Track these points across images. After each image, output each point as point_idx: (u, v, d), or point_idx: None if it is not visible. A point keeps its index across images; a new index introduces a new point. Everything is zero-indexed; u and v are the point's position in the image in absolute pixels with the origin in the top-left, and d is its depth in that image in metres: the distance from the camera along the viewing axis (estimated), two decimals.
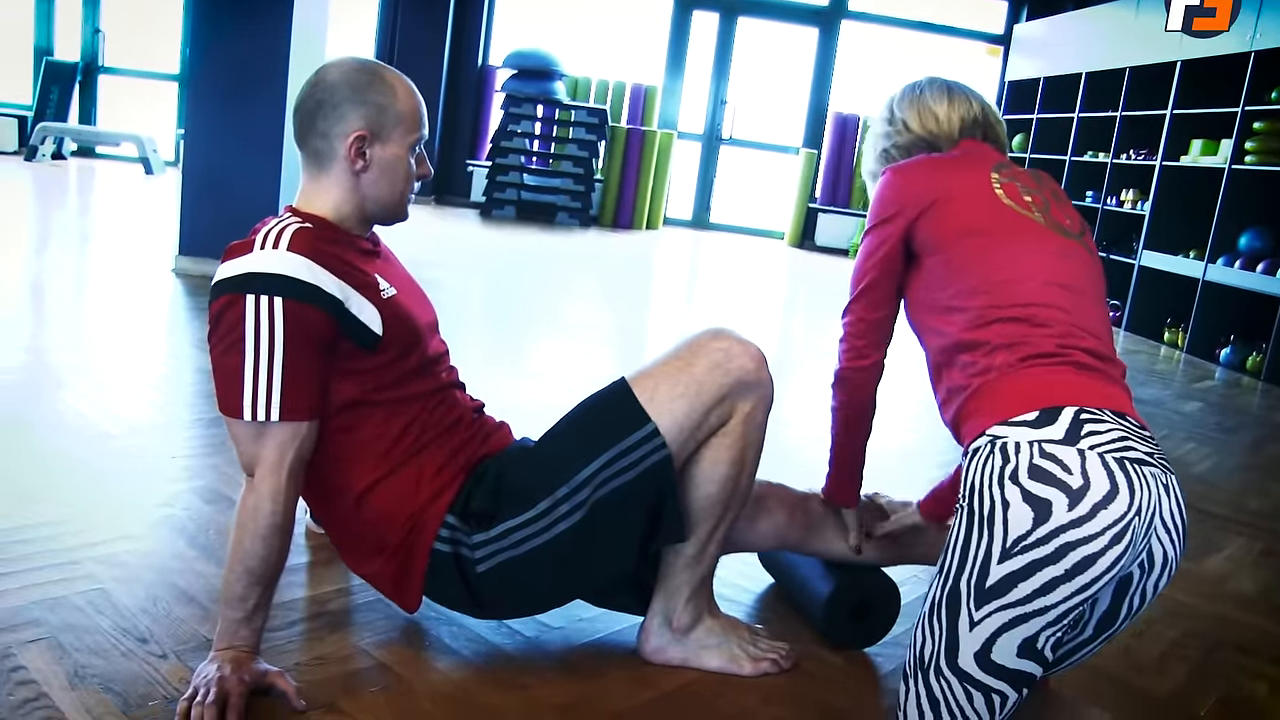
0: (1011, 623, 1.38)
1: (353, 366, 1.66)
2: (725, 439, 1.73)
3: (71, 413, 2.87)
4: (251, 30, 5.03)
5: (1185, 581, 2.61)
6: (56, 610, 1.78)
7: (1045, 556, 1.35)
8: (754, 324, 6.07)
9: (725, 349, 1.71)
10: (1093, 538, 1.34)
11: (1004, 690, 1.42)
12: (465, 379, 1.94)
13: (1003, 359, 1.50)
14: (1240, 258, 6.50)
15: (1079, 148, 8.75)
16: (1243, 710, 2.00)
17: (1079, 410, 1.41)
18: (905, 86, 1.90)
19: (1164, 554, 1.43)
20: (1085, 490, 1.35)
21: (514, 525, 1.69)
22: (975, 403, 1.52)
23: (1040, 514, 1.35)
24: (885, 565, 2.08)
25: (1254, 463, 4.23)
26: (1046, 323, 1.52)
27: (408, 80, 1.74)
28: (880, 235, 1.71)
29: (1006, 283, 1.56)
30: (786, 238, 12.05)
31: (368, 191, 1.71)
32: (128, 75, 12.23)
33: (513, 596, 1.75)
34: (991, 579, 1.39)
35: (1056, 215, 1.68)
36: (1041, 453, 1.38)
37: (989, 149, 1.82)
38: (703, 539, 1.79)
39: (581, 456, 1.68)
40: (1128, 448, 1.39)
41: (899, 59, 12.06)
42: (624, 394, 1.71)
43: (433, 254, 7.11)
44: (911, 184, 1.70)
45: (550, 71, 11.04)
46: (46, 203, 8.15)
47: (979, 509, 1.42)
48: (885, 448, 3.34)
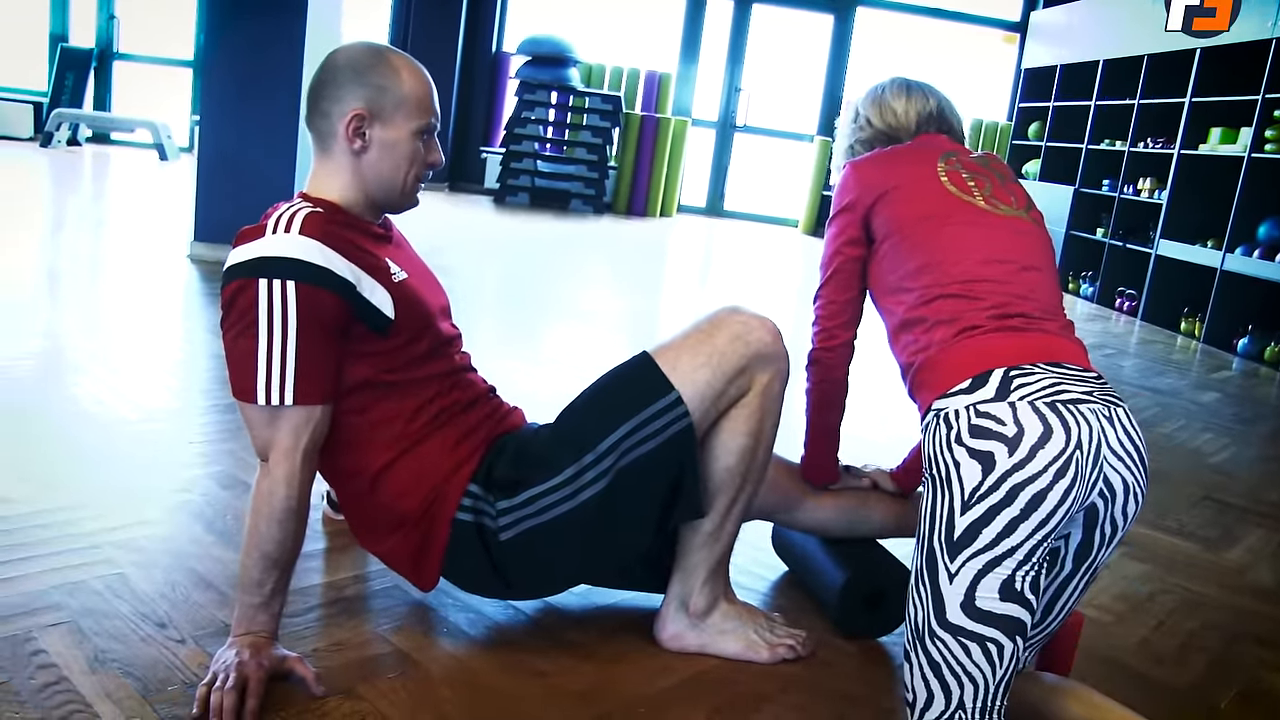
0: (986, 567, 1.47)
1: (365, 349, 1.67)
2: (744, 410, 1.75)
3: (88, 398, 2.88)
4: (266, 16, 5.02)
5: (1204, 573, 2.61)
6: (76, 595, 1.79)
7: (1000, 500, 1.46)
8: (767, 310, 6.04)
9: (744, 322, 1.76)
10: (1037, 475, 1.44)
11: (997, 638, 1.47)
12: (479, 365, 1.94)
13: (941, 334, 1.64)
14: (1259, 247, 6.45)
15: (1096, 136, 8.69)
16: (1263, 702, 1.99)
17: (1008, 369, 1.53)
18: (869, 88, 2.05)
19: (1123, 481, 1.51)
20: (1020, 436, 1.46)
21: (539, 492, 1.70)
22: (920, 376, 1.66)
23: (986, 465, 1.47)
24: (886, 536, 2.12)
25: (1272, 454, 4.21)
26: (981, 296, 1.64)
27: (418, 65, 1.74)
28: (840, 223, 1.88)
29: (946, 262, 1.70)
30: (801, 225, 12.01)
31: (368, 173, 1.71)
32: (143, 61, 12.23)
33: (535, 569, 1.75)
34: (958, 531, 1.49)
35: (999, 195, 1.81)
36: (977, 413, 1.50)
37: (943, 139, 1.95)
38: (721, 513, 1.80)
39: (606, 424, 1.69)
40: (1060, 391, 1.50)
41: (915, 46, 12.01)
42: (648, 365, 1.73)
43: (447, 241, 7.11)
44: (865, 176, 1.85)
45: (564, 58, 11.02)
46: (62, 189, 8.18)
47: (936, 475, 1.54)
48: (869, 422, 3.33)
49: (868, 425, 3.36)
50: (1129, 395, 4.80)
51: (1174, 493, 3.29)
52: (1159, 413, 4.52)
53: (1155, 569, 2.58)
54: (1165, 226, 7.42)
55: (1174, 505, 3.16)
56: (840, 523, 2.09)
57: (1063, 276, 8.88)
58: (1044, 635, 1.68)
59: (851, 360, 1.96)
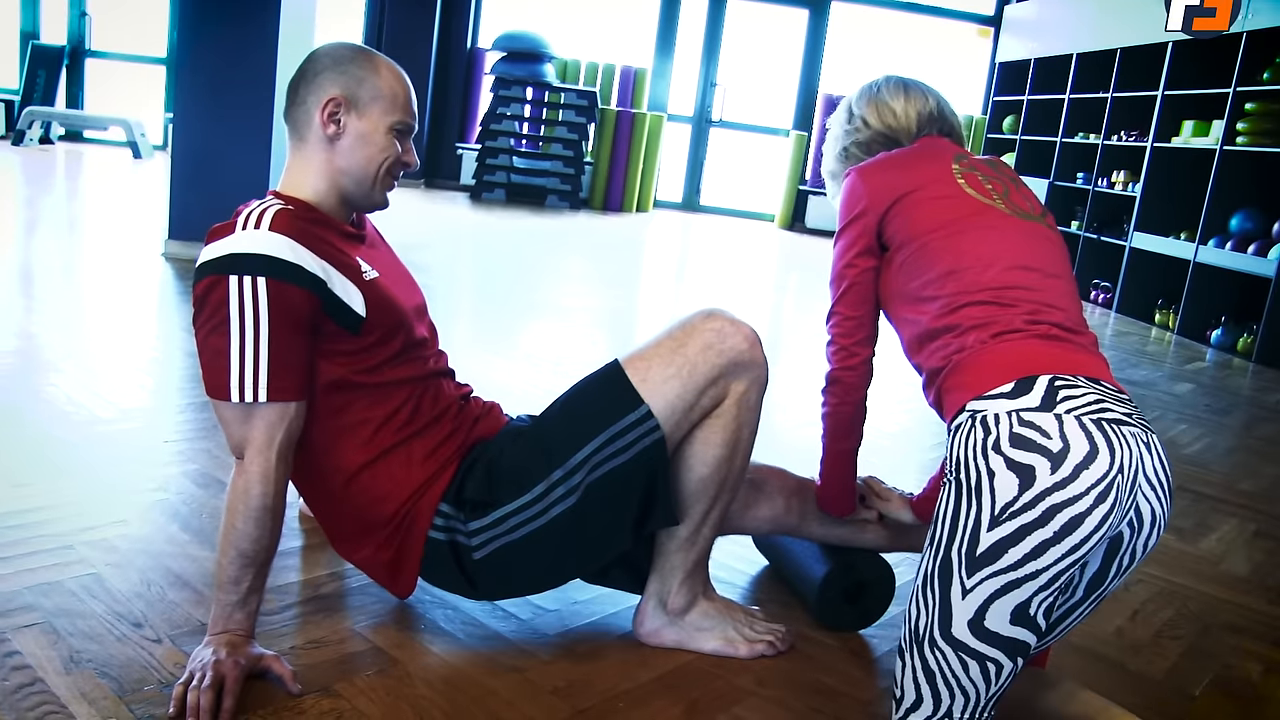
0: (1004, 589, 1.40)
1: (337, 348, 1.66)
2: (719, 420, 1.73)
3: (63, 398, 2.85)
4: (240, 13, 5.00)
5: (1179, 563, 2.63)
6: (50, 595, 1.77)
7: (1034, 520, 1.37)
8: (744, 306, 6.06)
9: (718, 329, 1.71)
10: (1078, 498, 1.36)
11: (998, 658, 1.43)
12: (457, 361, 1.94)
13: (975, 338, 1.55)
14: (1231, 239, 6.50)
15: (1070, 129, 8.73)
16: (1236, 690, 2.01)
17: (1053, 378, 1.45)
18: (862, 86, 1.96)
19: (1151, 511, 1.45)
20: (1066, 453, 1.37)
21: (509, 511, 1.69)
22: (953, 379, 1.55)
23: (1025, 480, 1.38)
24: (883, 551, 2.08)
25: (1246, 444, 4.24)
26: (1014, 302, 1.56)
27: (399, 68, 1.76)
28: (853, 233, 1.76)
29: (973, 268, 1.61)
30: (777, 220, 12.04)
31: (340, 164, 1.71)
32: (115, 59, 12.15)
33: (508, 580, 1.75)
34: (982, 546, 1.41)
35: (1017, 200, 1.74)
36: (1020, 421, 1.41)
37: (946, 142, 1.87)
38: (696, 521, 1.79)
39: (575, 440, 1.68)
40: (1104, 409, 1.42)
41: (889, 41, 12.05)
42: (617, 376, 1.71)
43: (423, 237, 7.09)
44: (877, 180, 1.74)
45: (540, 54, 11.00)
46: (34, 187, 8.11)
47: (966, 480, 1.44)
48: (880, 430, 3.34)
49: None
50: None
51: None
52: None
53: None
54: (1139, 219, 7.47)
55: None
56: (831, 541, 2.06)
57: None
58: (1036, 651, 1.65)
59: (871, 380, 1.83)
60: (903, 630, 1.54)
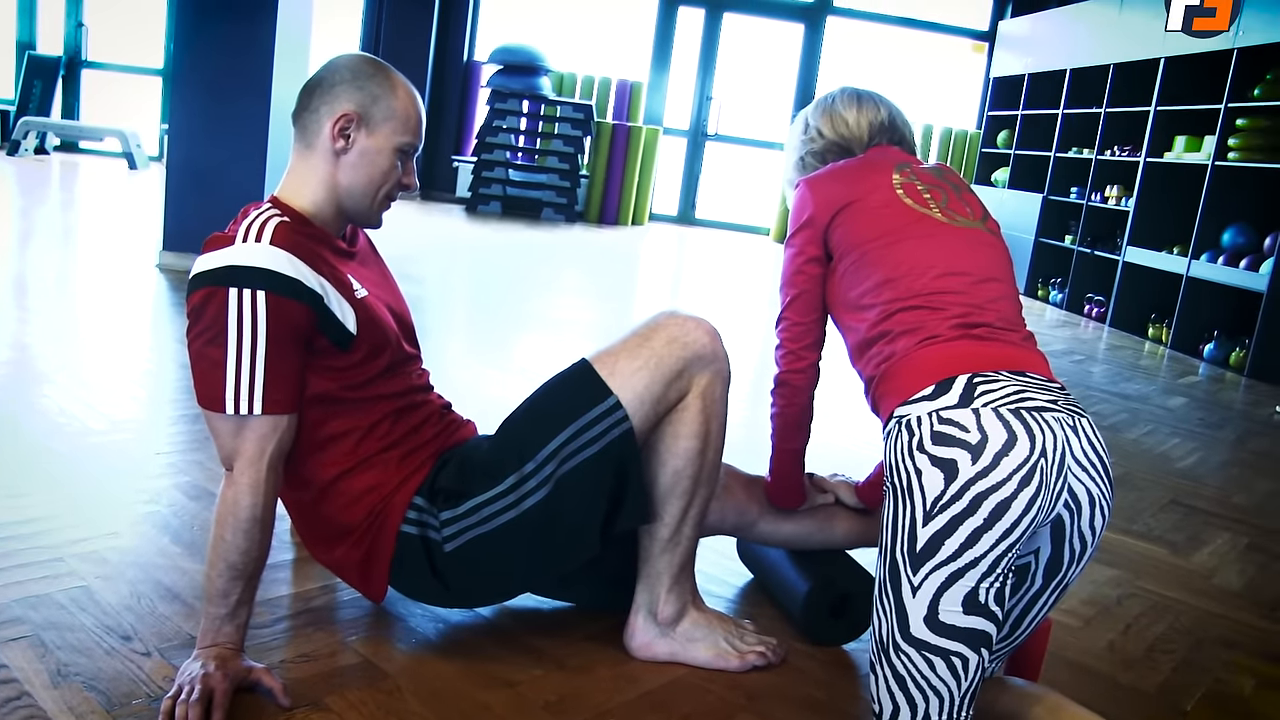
0: (949, 580, 1.45)
1: (326, 363, 1.68)
2: (685, 413, 1.75)
3: (55, 409, 2.85)
4: (236, 25, 5.00)
5: (1171, 577, 2.63)
6: (39, 608, 1.77)
7: (963, 510, 1.44)
8: (739, 318, 6.06)
9: (681, 324, 1.76)
10: (1001, 484, 1.43)
11: (961, 651, 1.46)
12: (450, 374, 1.95)
13: (904, 344, 1.61)
14: (1224, 254, 6.52)
15: (1063, 144, 8.76)
16: (1229, 704, 2.01)
17: (971, 376, 1.52)
18: (818, 99, 2.04)
19: (1087, 492, 1.50)
20: (985, 443, 1.44)
21: (482, 501, 1.71)
22: (884, 386, 1.63)
23: (949, 473, 1.45)
24: (859, 546, 2.11)
25: (1238, 458, 4.25)
26: (943, 307, 1.63)
27: (413, 89, 1.78)
28: (800, 241, 1.83)
29: (907, 276, 1.68)
30: (772, 233, 12.04)
31: (343, 178, 1.72)
32: (111, 70, 12.13)
33: (479, 579, 1.75)
34: (920, 542, 1.47)
35: (956, 207, 1.80)
36: (940, 419, 1.49)
37: (895, 151, 1.93)
38: (675, 518, 1.79)
39: (546, 432, 1.70)
40: (1024, 398, 1.49)
41: (884, 55, 12.07)
42: (585, 371, 1.74)
43: (418, 250, 7.09)
44: (821, 191, 1.81)
45: (536, 67, 11.01)
46: (29, 198, 8.09)
47: (898, 483, 1.51)
48: (840, 433, 3.34)
49: (833, 433, 3.37)
50: (1097, 401, 4.84)
51: (1142, 497, 3.32)
52: (1127, 418, 4.56)
53: (1123, 573, 2.60)
54: (1132, 233, 7.49)
55: (1142, 509, 3.19)
56: (801, 537, 2.09)
57: (1031, 283, 8.95)
58: (1011, 646, 1.68)
59: (818, 383, 1.91)
60: (870, 644, 1.57)
